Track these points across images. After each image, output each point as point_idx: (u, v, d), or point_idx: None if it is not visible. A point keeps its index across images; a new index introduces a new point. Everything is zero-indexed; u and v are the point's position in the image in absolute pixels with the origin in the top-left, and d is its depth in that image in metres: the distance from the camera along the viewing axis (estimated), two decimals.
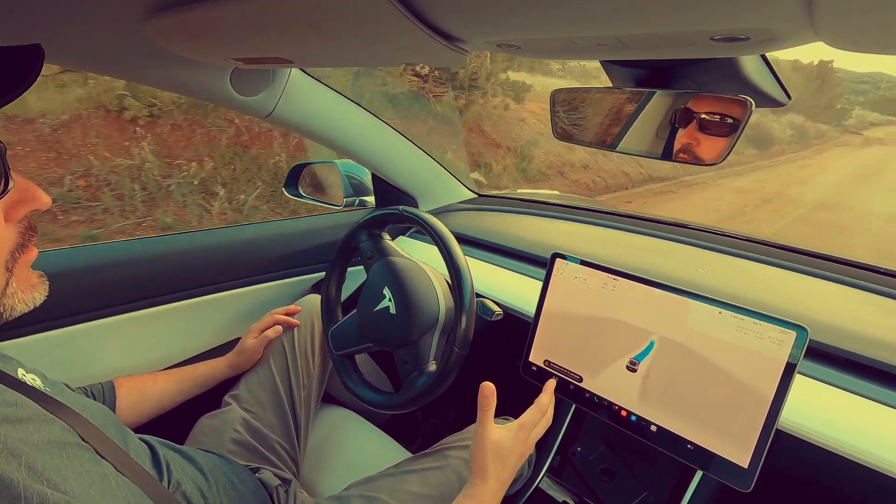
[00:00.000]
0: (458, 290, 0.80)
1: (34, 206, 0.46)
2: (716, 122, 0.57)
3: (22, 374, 0.53)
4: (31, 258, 0.47)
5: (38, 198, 0.46)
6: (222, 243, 1.08)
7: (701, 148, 0.60)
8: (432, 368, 0.84)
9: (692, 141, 0.60)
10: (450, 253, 0.82)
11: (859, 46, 0.34)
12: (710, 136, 0.59)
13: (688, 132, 0.61)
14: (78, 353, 0.89)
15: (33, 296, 0.47)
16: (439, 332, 0.87)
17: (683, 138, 0.61)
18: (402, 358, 0.87)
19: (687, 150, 0.61)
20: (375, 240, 0.95)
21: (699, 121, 0.59)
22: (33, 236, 0.47)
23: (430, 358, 0.86)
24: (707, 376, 0.66)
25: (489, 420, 0.63)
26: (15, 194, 0.44)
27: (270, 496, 0.75)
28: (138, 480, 0.51)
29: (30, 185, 0.46)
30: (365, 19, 0.45)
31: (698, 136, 0.60)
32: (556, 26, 0.41)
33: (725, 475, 0.64)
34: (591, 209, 1.33)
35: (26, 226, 0.47)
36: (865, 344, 0.69)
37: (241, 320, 1.10)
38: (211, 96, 0.89)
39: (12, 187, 0.44)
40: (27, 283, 0.47)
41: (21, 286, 0.46)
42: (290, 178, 1.34)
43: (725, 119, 0.56)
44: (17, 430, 0.40)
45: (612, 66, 0.65)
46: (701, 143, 0.60)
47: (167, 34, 0.59)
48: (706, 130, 0.59)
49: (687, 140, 0.61)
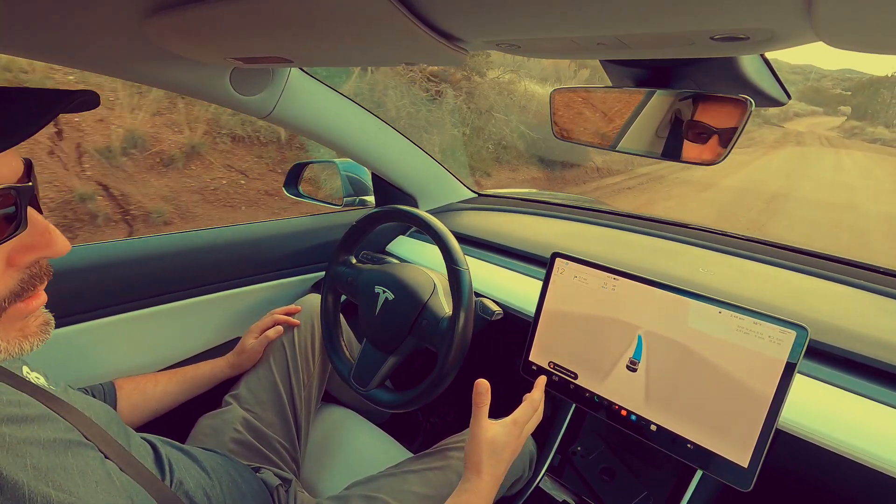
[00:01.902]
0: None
1: (46, 253, 0.41)
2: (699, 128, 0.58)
3: (27, 373, 0.53)
4: (31, 309, 0.42)
5: (52, 244, 0.42)
6: (222, 243, 1.08)
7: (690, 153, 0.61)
8: (450, 313, 0.84)
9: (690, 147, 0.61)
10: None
11: (859, 46, 0.34)
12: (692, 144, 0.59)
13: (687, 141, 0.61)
14: (78, 353, 0.89)
15: (21, 346, 0.42)
16: (443, 291, 0.91)
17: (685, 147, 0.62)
18: (421, 323, 0.87)
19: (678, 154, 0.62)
20: (347, 265, 0.98)
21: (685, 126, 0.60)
22: (37, 286, 0.42)
23: (446, 309, 0.87)
24: (707, 376, 0.66)
25: (483, 416, 0.64)
26: (27, 237, 0.40)
27: (271, 496, 0.75)
28: (141, 479, 0.51)
29: (49, 230, 0.42)
30: (365, 19, 0.45)
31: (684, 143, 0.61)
32: (556, 26, 0.41)
33: (725, 475, 0.64)
34: (591, 209, 1.33)
35: (31, 274, 0.42)
36: (865, 344, 0.69)
37: (242, 320, 1.10)
38: (211, 96, 0.89)
39: (22, 231, 0.40)
40: (19, 332, 0.42)
41: (14, 336, 0.41)
42: (289, 177, 1.33)
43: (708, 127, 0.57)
44: (23, 430, 0.40)
45: (612, 65, 0.65)
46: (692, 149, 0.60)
47: (167, 34, 0.59)
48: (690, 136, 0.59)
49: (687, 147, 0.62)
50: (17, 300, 0.41)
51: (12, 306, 0.40)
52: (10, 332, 0.41)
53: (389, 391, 0.89)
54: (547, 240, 1.14)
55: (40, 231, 0.41)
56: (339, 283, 0.96)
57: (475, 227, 1.22)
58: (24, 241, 0.40)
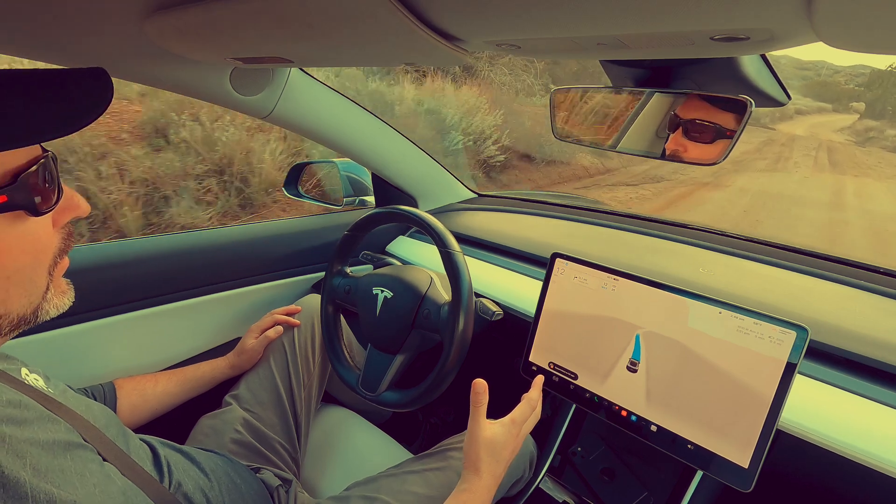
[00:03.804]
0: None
1: (77, 213, 0.48)
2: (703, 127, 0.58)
3: (25, 375, 0.53)
4: (66, 266, 0.50)
5: (79, 205, 0.49)
6: (222, 243, 1.08)
7: (688, 153, 0.60)
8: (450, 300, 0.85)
9: (679, 147, 0.61)
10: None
11: (859, 46, 0.34)
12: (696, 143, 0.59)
13: (674, 138, 0.61)
14: (78, 353, 0.89)
15: (63, 301, 0.49)
16: (440, 283, 0.92)
17: (671, 144, 0.62)
18: (423, 314, 0.87)
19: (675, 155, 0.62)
20: (343, 275, 0.98)
21: (685, 126, 0.59)
22: (72, 244, 0.50)
23: (446, 297, 0.88)
24: (707, 376, 0.66)
25: (482, 416, 0.64)
26: (62, 201, 0.46)
27: (271, 496, 0.75)
28: (140, 481, 0.51)
29: (73, 193, 0.48)
30: (365, 19, 0.45)
31: (685, 143, 0.60)
32: (556, 26, 0.41)
33: (726, 475, 0.64)
34: (591, 209, 1.33)
35: (68, 232, 0.49)
36: (865, 344, 0.69)
37: (242, 320, 1.10)
38: (211, 96, 0.89)
39: (62, 196, 0.46)
40: (60, 288, 0.49)
41: (56, 291, 0.48)
42: (289, 177, 1.34)
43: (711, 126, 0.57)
44: (23, 431, 0.40)
45: (612, 65, 0.65)
46: (688, 150, 0.60)
47: (167, 34, 0.59)
48: (692, 135, 0.59)
49: (674, 146, 0.61)
50: (63, 256, 0.48)
51: (60, 262, 0.48)
52: (58, 288, 0.48)
53: (394, 391, 0.89)
54: (547, 240, 1.14)
55: (69, 194, 0.48)
56: (336, 295, 0.97)
57: (475, 228, 1.22)
58: (61, 203, 0.46)
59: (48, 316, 0.48)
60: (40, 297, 0.46)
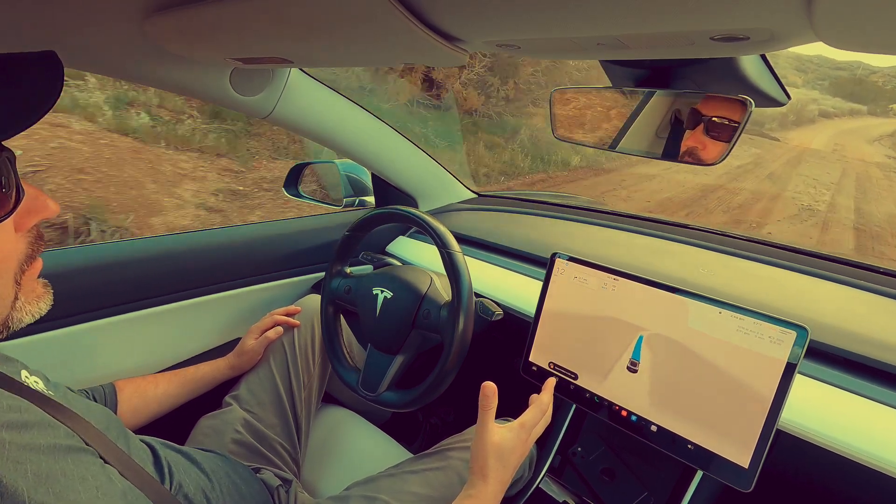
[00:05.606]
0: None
1: (44, 215, 0.45)
2: (724, 125, 0.57)
3: (25, 377, 0.53)
4: (38, 269, 0.47)
5: (47, 206, 0.45)
6: (222, 243, 1.08)
7: (706, 151, 0.60)
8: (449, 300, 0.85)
9: (698, 144, 0.60)
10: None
11: (859, 46, 0.34)
12: (715, 140, 0.58)
13: (694, 135, 0.61)
14: (78, 354, 0.89)
15: (39, 306, 0.47)
16: (440, 283, 0.92)
17: (689, 141, 0.61)
18: (423, 314, 0.87)
19: (691, 153, 0.61)
20: (342, 276, 0.98)
21: (707, 124, 0.59)
22: (41, 246, 0.47)
23: (446, 297, 0.88)
24: (707, 376, 0.66)
25: (490, 420, 0.62)
26: (25, 202, 0.44)
27: (271, 496, 0.75)
28: (141, 483, 0.51)
29: (39, 194, 0.45)
30: (364, 19, 0.45)
31: (704, 140, 0.60)
32: (556, 26, 0.41)
33: (726, 475, 0.64)
34: (591, 209, 1.33)
35: (35, 235, 0.46)
36: (865, 344, 0.69)
37: (242, 320, 1.10)
38: (210, 96, 0.89)
39: (23, 198, 0.43)
40: (33, 293, 0.47)
41: (28, 298, 0.46)
42: (289, 178, 1.33)
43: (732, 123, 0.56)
44: (22, 436, 0.40)
45: (612, 65, 0.65)
46: (707, 147, 0.60)
47: (167, 34, 0.59)
48: (712, 134, 0.59)
49: (693, 143, 0.61)
50: (31, 262, 0.45)
51: (29, 268, 0.45)
52: (29, 294, 0.46)
53: (394, 391, 0.89)
54: (547, 240, 1.14)
55: (33, 196, 0.45)
56: (336, 296, 0.97)
57: (475, 228, 1.22)
58: (24, 206, 0.43)
59: (22, 324, 0.46)
60: (8, 307, 0.44)
